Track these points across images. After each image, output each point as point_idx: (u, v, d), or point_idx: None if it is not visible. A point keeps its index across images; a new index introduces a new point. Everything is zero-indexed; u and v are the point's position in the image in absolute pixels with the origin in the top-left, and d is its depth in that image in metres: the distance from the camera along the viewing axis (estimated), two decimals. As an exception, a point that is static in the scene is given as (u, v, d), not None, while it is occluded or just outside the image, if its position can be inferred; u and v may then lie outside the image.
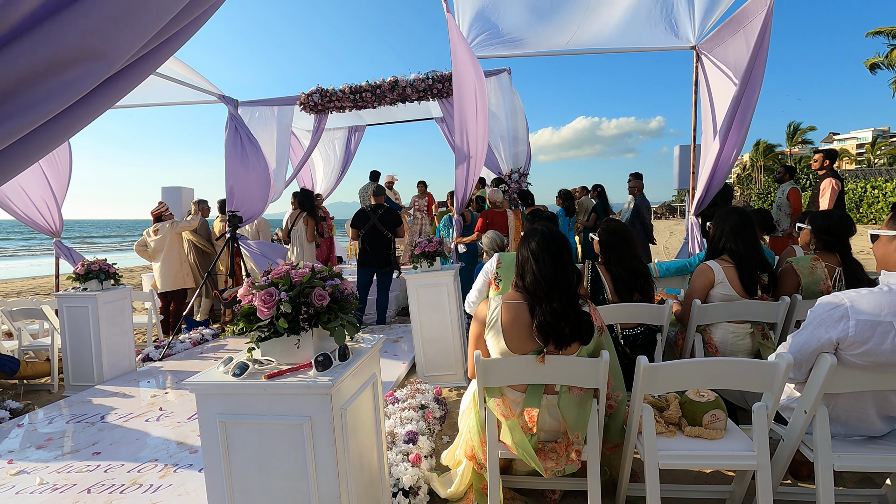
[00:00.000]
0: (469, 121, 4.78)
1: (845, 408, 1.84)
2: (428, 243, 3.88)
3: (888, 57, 19.23)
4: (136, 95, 6.03)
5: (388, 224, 5.56)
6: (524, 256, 2.01)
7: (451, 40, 4.55)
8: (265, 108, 6.87)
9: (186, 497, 2.36)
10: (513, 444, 1.89)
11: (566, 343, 1.90)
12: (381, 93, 6.30)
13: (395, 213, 5.66)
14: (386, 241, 5.58)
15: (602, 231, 2.89)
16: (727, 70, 4.41)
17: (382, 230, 5.54)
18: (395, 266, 5.56)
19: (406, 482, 2.18)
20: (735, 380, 1.81)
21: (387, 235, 5.55)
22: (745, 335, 2.76)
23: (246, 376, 1.45)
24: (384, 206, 5.67)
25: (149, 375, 4.38)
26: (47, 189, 5.26)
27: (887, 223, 1.79)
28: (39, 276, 15.32)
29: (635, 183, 6.82)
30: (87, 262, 4.26)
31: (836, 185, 5.21)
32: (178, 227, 5.88)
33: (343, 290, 1.62)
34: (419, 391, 3.23)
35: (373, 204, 5.68)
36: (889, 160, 41.26)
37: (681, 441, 1.88)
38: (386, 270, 5.58)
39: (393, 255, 5.62)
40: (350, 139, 8.89)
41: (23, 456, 2.89)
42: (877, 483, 2.26)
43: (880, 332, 1.61)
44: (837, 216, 2.95)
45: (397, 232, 5.61)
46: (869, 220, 21.91)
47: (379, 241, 5.57)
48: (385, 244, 5.58)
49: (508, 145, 6.43)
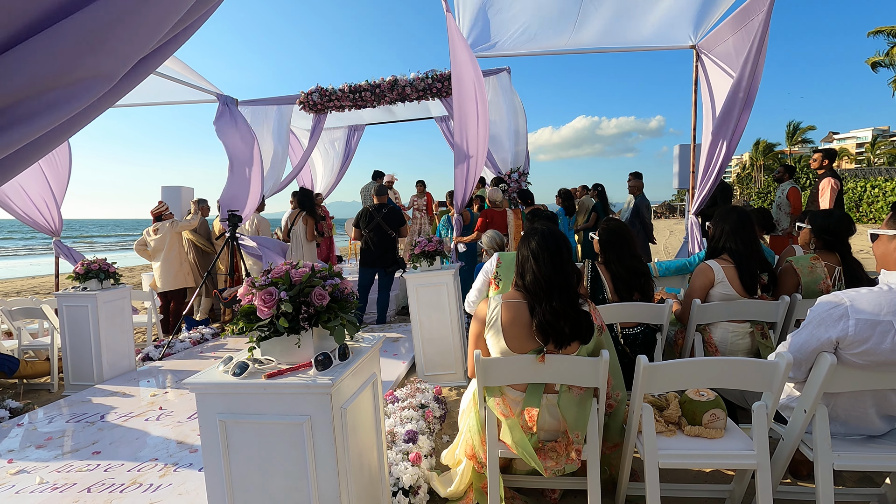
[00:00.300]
0: (469, 120, 4.78)
1: (845, 407, 1.84)
2: (428, 243, 3.88)
3: (889, 55, 19.22)
4: (135, 95, 6.03)
5: (392, 223, 5.57)
6: (524, 255, 2.02)
7: (451, 39, 4.55)
8: (264, 108, 6.87)
9: (186, 496, 2.36)
10: (513, 443, 1.89)
11: (566, 342, 1.90)
12: (380, 92, 6.30)
13: (399, 213, 5.68)
14: (390, 241, 5.59)
15: (602, 230, 2.89)
16: (727, 69, 4.41)
17: (387, 230, 5.55)
18: (401, 265, 5.56)
19: (406, 481, 2.18)
20: (735, 379, 1.82)
21: (391, 235, 5.56)
22: (745, 334, 2.77)
23: (246, 376, 1.45)
24: (388, 205, 5.68)
25: (149, 375, 4.38)
26: (47, 188, 5.26)
27: (887, 222, 1.79)
28: (39, 275, 15.32)
29: (635, 182, 6.82)
30: (86, 262, 4.26)
31: (835, 185, 5.21)
32: (178, 226, 5.88)
33: (343, 289, 1.62)
34: (419, 390, 3.23)
35: (376, 203, 5.69)
36: (889, 159, 41.27)
37: (680, 440, 1.88)
38: (390, 270, 5.58)
39: (397, 254, 5.63)
40: (350, 138, 8.89)
41: (22, 455, 2.89)
42: (876, 482, 2.26)
43: (880, 332, 1.61)
44: (837, 215, 2.95)
45: (401, 231, 5.62)
46: (869, 219, 21.91)
47: (383, 241, 5.57)
48: (390, 244, 5.59)
49: (508, 145, 6.43)
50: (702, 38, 4.86)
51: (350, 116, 7.76)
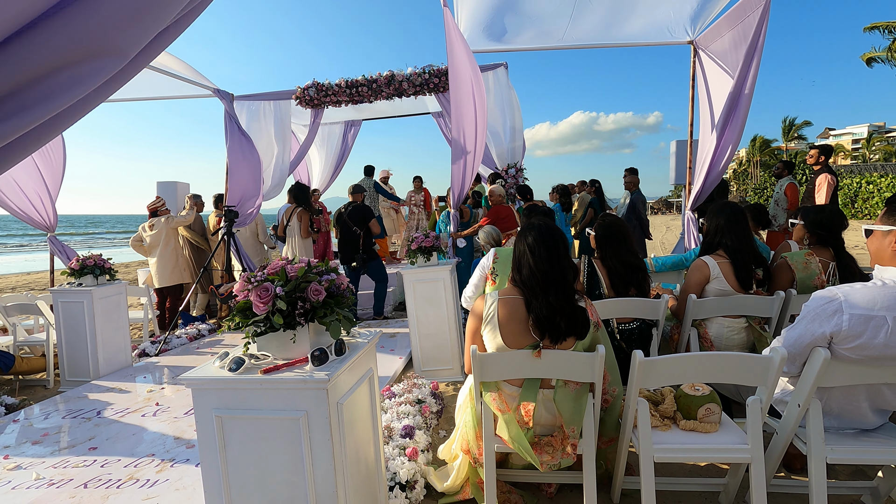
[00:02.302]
0: (466, 115, 4.77)
1: (838, 401, 1.85)
2: (425, 238, 3.88)
3: (889, 49, 19.21)
4: (131, 89, 5.99)
5: (356, 220, 5.64)
6: (521, 250, 2.02)
7: (448, 34, 4.53)
8: (261, 103, 6.83)
9: (184, 491, 2.36)
10: (509, 438, 1.90)
11: (562, 337, 1.90)
12: (377, 87, 6.27)
13: (366, 210, 5.75)
14: (354, 238, 5.65)
15: (598, 226, 2.89)
16: (724, 65, 4.42)
17: (351, 226, 5.62)
18: (358, 262, 5.62)
19: (403, 476, 2.19)
20: (729, 374, 1.83)
21: (355, 231, 5.63)
22: (740, 329, 2.78)
23: (242, 371, 1.45)
24: (356, 203, 5.80)
25: (145, 371, 4.38)
26: (41, 183, 5.22)
27: (881, 218, 1.80)
28: (34, 271, 15.24)
29: (631, 178, 6.82)
30: (81, 258, 4.24)
31: (831, 181, 5.23)
32: (174, 222, 5.86)
33: (339, 284, 1.62)
34: (416, 386, 3.24)
35: (349, 201, 5.84)
36: (884, 156, 41.44)
37: (676, 435, 1.90)
38: (354, 267, 5.65)
39: (360, 250, 5.67)
40: (346, 134, 8.86)
41: (19, 451, 2.88)
42: (869, 475, 2.28)
43: (873, 326, 1.62)
44: (830, 210, 2.97)
45: (370, 228, 5.67)
46: (864, 215, 22.02)
47: (348, 238, 5.67)
48: (353, 240, 5.65)
49: (506, 140, 6.42)
50: (699, 33, 4.86)
51: (346, 111, 7.73)
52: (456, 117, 4.79)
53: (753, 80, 4.01)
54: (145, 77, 5.52)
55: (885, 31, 18.93)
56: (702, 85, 4.88)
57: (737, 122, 4.17)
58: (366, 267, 5.67)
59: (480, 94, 4.81)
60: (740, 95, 4.08)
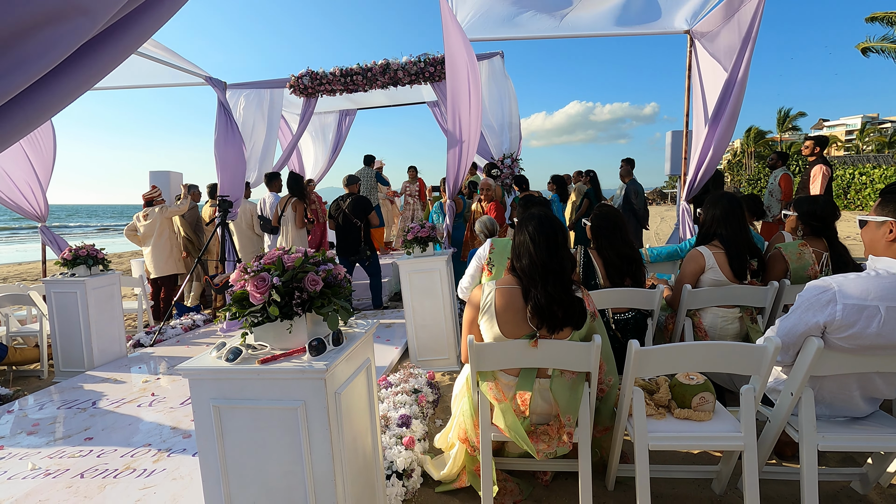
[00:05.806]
0: (462, 105, 4.73)
1: (830, 390, 1.88)
2: (420, 229, 3.87)
3: (885, 39, 19.18)
4: (121, 76, 5.90)
5: (356, 212, 5.59)
6: (520, 240, 2.02)
7: (444, 22, 4.48)
8: (254, 91, 6.76)
9: (181, 481, 2.37)
10: (505, 426, 1.92)
11: (558, 327, 1.91)
12: (372, 76, 6.21)
13: (366, 201, 5.70)
14: (355, 230, 5.61)
15: (594, 216, 2.90)
16: (719, 55, 4.41)
17: (352, 218, 5.58)
18: (362, 254, 5.58)
19: (400, 465, 2.20)
20: (724, 363, 1.84)
21: (356, 223, 5.58)
22: (734, 319, 2.80)
23: (239, 361, 1.45)
24: (355, 194, 5.75)
25: (140, 361, 4.36)
26: (31, 173, 5.15)
27: (876, 209, 1.81)
28: (26, 261, 15.10)
29: (627, 168, 6.83)
30: (74, 248, 4.20)
31: (826, 172, 5.26)
32: (168, 211, 5.80)
33: (336, 275, 1.62)
34: (412, 375, 3.25)
35: (345, 193, 5.76)
36: (877, 147, 41.64)
37: (670, 423, 1.92)
38: (354, 259, 5.62)
39: (363, 243, 5.64)
40: (341, 123, 8.78)
41: (14, 442, 2.88)
42: (858, 462, 2.32)
43: (866, 316, 1.64)
44: (822, 201, 2.98)
45: (369, 220, 5.63)
46: (857, 206, 22.17)
47: (348, 230, 5.62)
48: (354, 232, 5.61)
49: (501, 130, 6.38)
50: (696, 22, 4.84)
51: (341, 100, 7.66)
52: (452, 107, 4.76)
53: (747, 68, 4.01)
54: (136, 63, 5.43)
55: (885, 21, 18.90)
56: (696, 74, 4.87)
57: (731, 112, 4.17)
58: (368, 259, 5.65)
59: (476, 84, 4.78)
60: (734, 84, 4.08)
